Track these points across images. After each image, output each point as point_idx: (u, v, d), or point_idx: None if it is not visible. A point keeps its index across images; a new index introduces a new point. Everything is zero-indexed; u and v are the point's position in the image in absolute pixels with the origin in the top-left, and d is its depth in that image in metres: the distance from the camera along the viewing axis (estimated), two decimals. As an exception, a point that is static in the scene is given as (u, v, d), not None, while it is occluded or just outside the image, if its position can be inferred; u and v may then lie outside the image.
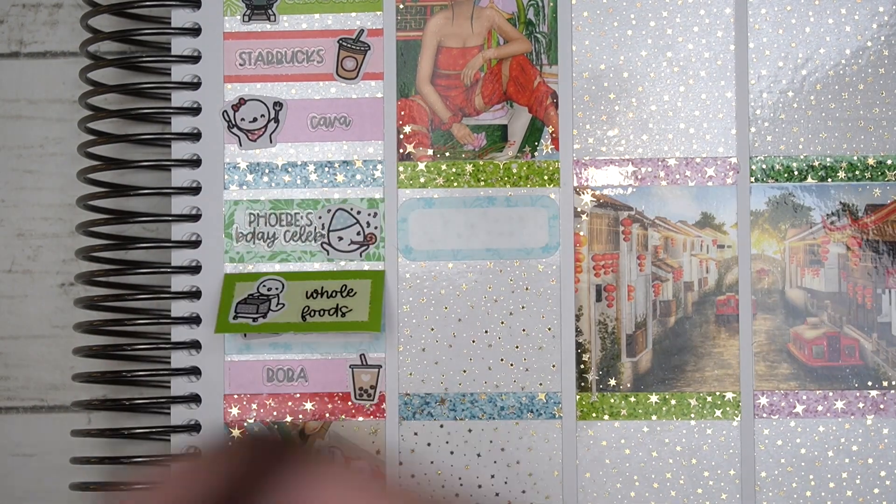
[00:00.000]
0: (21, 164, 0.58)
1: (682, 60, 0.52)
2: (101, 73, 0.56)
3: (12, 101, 0.58)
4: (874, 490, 0.51)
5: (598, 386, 0.51)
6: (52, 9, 0.58)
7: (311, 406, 0.52)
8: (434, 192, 0.52)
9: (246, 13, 0.53)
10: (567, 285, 0.51)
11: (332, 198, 0.52)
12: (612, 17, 0.52)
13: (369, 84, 0.53)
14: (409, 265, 0.52)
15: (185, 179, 0.53)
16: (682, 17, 0.52)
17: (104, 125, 0.55)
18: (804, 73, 0.52)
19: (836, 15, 0.52)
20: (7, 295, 0.57)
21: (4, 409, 0.57)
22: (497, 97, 0.52)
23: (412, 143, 0.52)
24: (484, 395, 0.51)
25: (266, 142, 0.53)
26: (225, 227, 0.53)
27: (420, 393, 0.51)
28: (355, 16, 0.53)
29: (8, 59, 0.58)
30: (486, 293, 0.52)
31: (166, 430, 0.52)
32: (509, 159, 0.52)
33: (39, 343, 0.57)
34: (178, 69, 0.53)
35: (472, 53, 0.53)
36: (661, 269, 0.52)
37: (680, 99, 0.52)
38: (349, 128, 0.53)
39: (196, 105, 0.53)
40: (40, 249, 0.57)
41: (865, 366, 0.51)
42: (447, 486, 0.51)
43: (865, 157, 0.51)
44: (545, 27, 0.52)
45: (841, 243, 0.52)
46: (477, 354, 0.52)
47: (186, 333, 0.52)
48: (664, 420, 0.51)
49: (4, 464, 0.56)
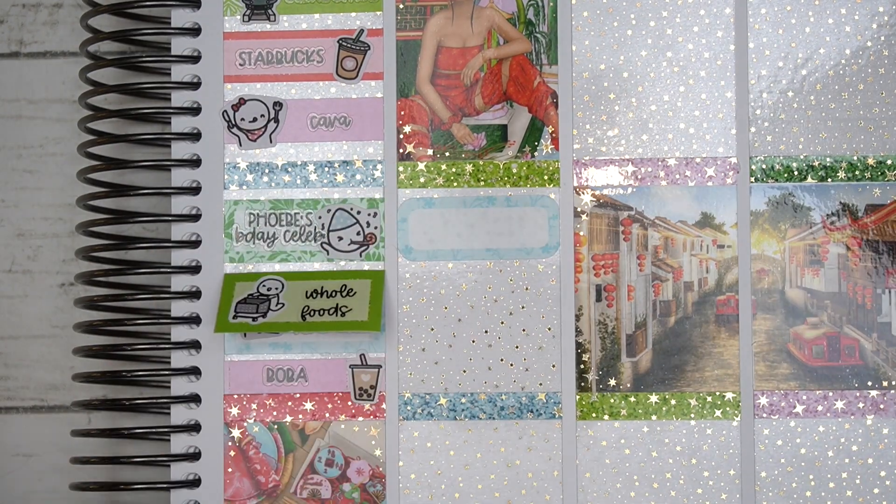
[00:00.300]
0: (21, 164, 0.58)
1: (682, 60, 0.52)
2: (101, 73, 0.56)
3: (12, 101, 0.58)
4: (874, 490, 0.51)
5: (598, 386, 0.51)
6: (52, 9, 0.58)
7: (311, 406, 0.52)
8: (434, 191, 0.52)
9: (246, 13, 0.53)
10: (567, 285, 0.51)
11: (331, 198, 0.52)
12: (612, 17, 0.52)
13: (369, 84, 0.53)
14: (409, 265, 0.52)
15: (185, 179, 0.53)
16: (682, 17, 0.52)
17: (104, 125, 0.55)
18: (804, 73, 0.52)
19: (835, 15, 0.52)
20: (7, 295, 0.57)
21: (4, 409, 0.57)
22: (497, 97, 0.52)
23: (412, 143, 0.52)
24: (484, 395, 0.51)
25: (266, 142, 0.53)
26: (225, 227, 0.53)
27: (420, 393, 0.51)
28: (355, 16, 0.53)
29: (8, 59, 0.58)
30: (486, 293, 0.52)
31: (166, 430, 0.52)
32: (509, 159, 0.52)
33: (39, 343, 0.57)
34: (177, 69, 0.53)
35: (472, 53, 0.53)
36: (661, 269, 0.52)
37: (680, 99, 0.52)
38: (349, 128, 0.53)
39: (196, 105, 0.53)
40: (40, 249, 0.57)
41: (865, 366, 0.51)
42: (447, 487, 0.51)
43: (865, 157, 0.51)
44: (545, 27, 0.52)
45: (841, 243, 0.52)
46: (477, 354, 0.52)
47: (186, 333, 0.52)
48: (664, 420, 0.51)
49: (4, 464, 0.56)
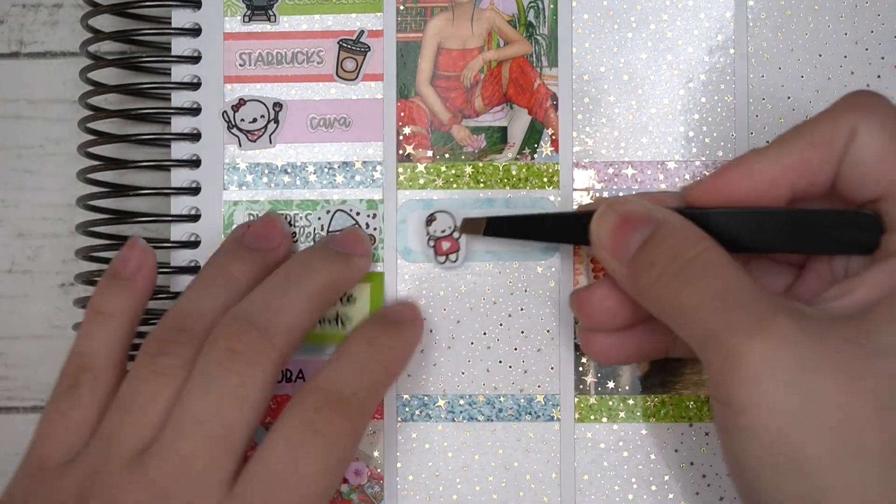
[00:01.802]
0: (21, 164, 0.58)
1: (681, 63, 0.52)
2: (102, 73, 0.56)
3: (12, 101, 0.58)
4: (872, 493, 0.51)
5: (596, 388, 0.51)
6: (52, 9, 0.58)
7: (310, 407, 0.52)
8: (433, 193, 0.52)
9: (246, 14, 0.53)
10: (566, 287, 0.51)
11: (331, 199, 0.52)
12: (613, 20, 0.52)
13: (369, 85, 0.53)
14: (408, 266, 0.52)
15: (184, 180, 0.53)
16: (682, 20, 0.52)
17: (104, 125, 0.55)
18: (803, 78, 0.52)
19: (835, 20, 0.52)
20: (7, 295, 0.57)
21: (4, 409, 0.57)
22: (497, 99, 0.52)
23: (412, 144, 0.52)
24: (482, 396, 0.51)
25: (266, 142, 0.53)
26: (224, 228, 0.53)
27: (418, 394, 0.52)
28: (355, 17, 0.53)
29: (8, 59, 0.58)
30: (485, 295, 0.52)
31: (165, 431, 0.52)
32: (509, 161, 0.52)
33: (39, 343, 0.57)
34: (178, 69, 0.53)
35: (472, 55, 0.53)
36: (659, 271, 0.52)
37: (680, 102, 0.52)
38: (349, 129, 0.53)
39: (196, 105, 0.53)
40: (40, 249, 0.57)
41: (864, 369, 0.51)
42: (445, 489, 0.51)
43: (865, 160, 0.51)
44: (545, 29, 0.52)
45: (840, 247, 0.52)
46: (475, 356, 0.52)
47: (186, 334, 0.53)
48: (662, 423, 0.51)
49: (4, 464, 0.57)
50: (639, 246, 0.43)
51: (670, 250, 0.42)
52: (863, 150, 0.42)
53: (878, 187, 0.42)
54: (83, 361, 0.47)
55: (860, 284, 0.40)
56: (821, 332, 0.38)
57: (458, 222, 0.51)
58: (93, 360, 0.47)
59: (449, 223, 0.51)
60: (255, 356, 0.44)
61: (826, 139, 0.42)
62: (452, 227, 0.51)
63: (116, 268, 0.49)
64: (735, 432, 0.38)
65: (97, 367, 0.47)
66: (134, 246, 0.50)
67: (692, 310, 0.40)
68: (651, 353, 0.47)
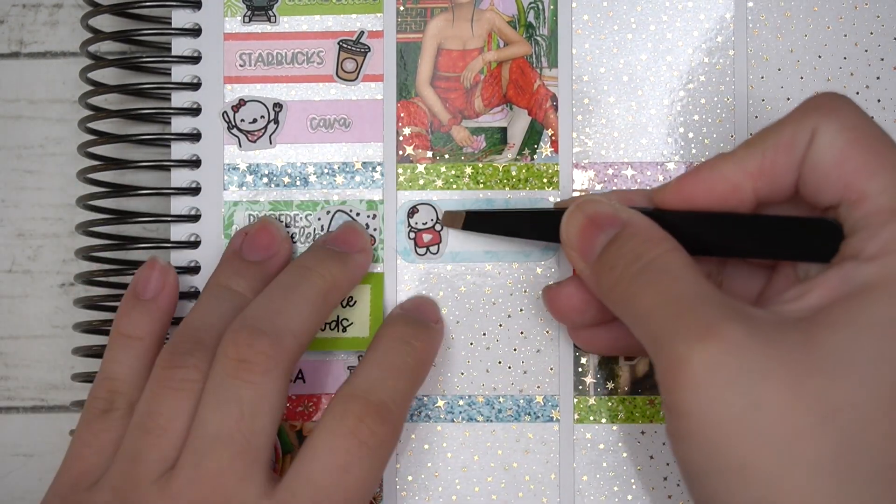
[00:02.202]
0: (21, 164, 0.58)
1: (681, 65, 0.52)
2: (102, 73, 0.56)
3: (12, 101, 0.58)
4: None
5: (595, 389, 0.51)
6: (52, 9, 0.58)
7: (309, 407, 0.52)
8: (433, 193, 0.52)
9: (246, 14, 0.53)
10: (565, 288, 0.51)
11: (331, 199, 0.52)
12: (613, 21, 0.52)
13: (369, 86, 0.53)
14: (408, 267, 0.52)
15: (184, 180, 0.53)
16: (682, 21, 0.52)
17: (104, 125, 0.55)
18: (802, 79, 0.52)
19: (834, 22, 0.52)
20: (7, 295, 0.57)
21: (4, 409, 0.57)
22: (497, 100, 0.52)
23: (412, 145, 0.52)
24: (482, 397, 0.52)
25: (266, 143, 0.53)
26: (224, 228, 0.53)
27: (417, 395, 0.52)
28: (356, 17, 0.53)
29: (8, 59, 0.58)
30: (485, 296, 0.52)
31: (165, 431, 0.52)
32: (509, 162, 0.52)
33: (39, 343, 0.57)
34: (178, 70, 0.53)
35: (472, 56, 0.53)
36: (659, 272, 0.52)
37: (679, 103, 0.52)
38: (349, 129, 0.53)
39: (196, 106, 0.53)
40: (40, 249, 0.57)
41: (863, 370, 0.51)
42: (444, 489, 0.51)
43: (865, 161, 0.51)
44: (545, 30, 0.52)
45: (839, 248, 0.52)
46: (475, 357, 0.52)
47: (185, 334, 0.53)
48: (661, 423, 0.51)
49: (4, 464, 0.57)
50: (603, 247, 0.43)
51: (630, 252, 0.41)
52: (821, 152, 0.40)
53: (836, 191, 0.40)
54: (113, 386, 0.47)
55: (815, 287, 0.40)
56: (770, 337, 0.37)
57: (440, 215, 0.51)
58: (122, 384, 0.47)
59: (431, 215, 0.52)
60: (266, 364, 0.44)
61: (787, 142, 0.41)
62: (434, 219, 0.52)
63: (137, 289, 0.49)
64: (680, 438, 0.38)
65: (127, 392, 0.47)
66: (153, 266, 0.50)
67: (645, 315, 0.40)
68: (633, 348, 0.47)
